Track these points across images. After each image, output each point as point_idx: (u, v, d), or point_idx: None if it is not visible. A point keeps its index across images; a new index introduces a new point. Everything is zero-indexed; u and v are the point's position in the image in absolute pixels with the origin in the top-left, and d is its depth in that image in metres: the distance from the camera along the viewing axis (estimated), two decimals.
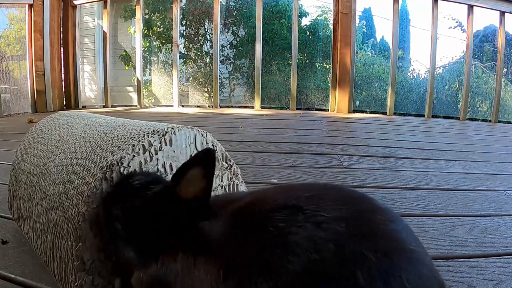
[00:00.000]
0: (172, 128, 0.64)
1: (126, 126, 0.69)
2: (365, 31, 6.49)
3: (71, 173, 0.63)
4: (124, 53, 5.77)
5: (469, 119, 4.19)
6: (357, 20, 5.23)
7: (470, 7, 3.48)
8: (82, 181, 0.60)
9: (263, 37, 3.84)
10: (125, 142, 0.61)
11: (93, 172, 0.59)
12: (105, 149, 0.62)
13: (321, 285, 0.30)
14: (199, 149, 0.67)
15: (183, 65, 5.75)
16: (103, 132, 0.69)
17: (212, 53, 4.71)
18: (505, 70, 4.90)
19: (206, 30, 5.74)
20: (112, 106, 4.16)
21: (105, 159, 0.60)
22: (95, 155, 0.62)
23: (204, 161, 0.46)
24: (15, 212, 0.81)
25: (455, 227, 0.98)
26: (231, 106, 5.30)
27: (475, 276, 0.75)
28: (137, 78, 4.07)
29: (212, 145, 0.69)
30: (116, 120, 0.78)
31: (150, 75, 5.95)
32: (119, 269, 0.54)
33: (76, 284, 0.55)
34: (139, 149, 0.59)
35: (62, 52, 4.05)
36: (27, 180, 0.75)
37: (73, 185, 0.61)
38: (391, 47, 3.87)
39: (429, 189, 1.31)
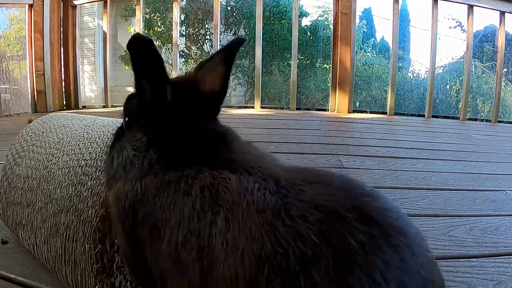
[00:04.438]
0: None
1: None
2: (366, 30, 6.49)
3: (81, 174, 0.62)
4: (124, 53, 5.77)
5: (469, 119, 4.19)
6: (357, 20, 5.23)
7: (470, 7, 3.48)
8: (96, 182, 0.59)
9: (263, 37, 3.83)
10: None
11: None
12: None
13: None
14: None
15: (183, 65, 5.75)
16: (109, 132, 0.68)
17: (212, 53, 4.70)
18: (505, 70, 4.90)
19: (207, 30, 5.74)
20: (112, 106, 4.16)
21: None
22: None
23: (226, 47, 0.49)
24: (10, 219, 0.78)
25: (455, 227, 0.98)
26: (231, 106, 5.29)
27: (475, 276, 0.75)
28: None
29: None
30: (118, 121, 0.77)
31: None
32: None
33: (97, 287, 0.54)
34: None
35: (62, 52, 4.04)
36: (25, 185, 0.73)
37: (85, 187, 0.60)
38: (391, 47, 3.87)
39: (429, 189, 1.31)
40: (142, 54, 0.43)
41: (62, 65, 4.06)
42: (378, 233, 0.32)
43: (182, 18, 5.69)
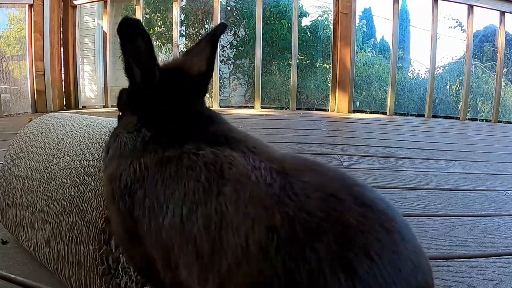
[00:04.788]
0: None
1: None
2: (366, 30, 6.49)
3: (83, 175, 0.62)
4: None
5: (469, 119, 4.19)
6: (357, 20, 5.23)
7: (470, 7, 3.48)
8: (100, 182, 0.59)
9: (263, 37, 3.83)
10: None
11: None
12: None
13: None
14: None
15: None
16: (111, 132, 0.68)
17: None
18: (505, 70, 4.90)
19: (207, 30, 5.74)
20: (112, 106, 4.15)
21: None
22: None
23: (210, 32, 0.51)
24: (9, 221, 0.78)
25: (455, 227, 0.98)
26: (231, 106, 5.29)
27: (475, 276, 0.75)
28: None
29: None
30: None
31: None
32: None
33: None
34: None
35: (62, 52, 4.04)
36: (24, 186, 0.73)
37: (89, 188, 0.60)
38: (391, 47, 3.87)
39: (429, 189, 1.31)
40: (131, 35, 0.44)
41: (62, 65, 4.06)
42: (373, 216, 0.34)
43: (182, 18, 5.68)
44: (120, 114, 0.52)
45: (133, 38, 0.44)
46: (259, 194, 0.36)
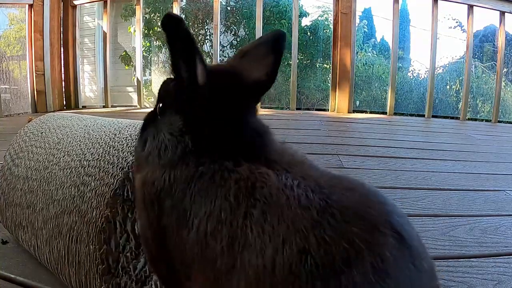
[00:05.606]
0: None
1: (135, 126, 0.68)
2: (366, 31, 6.49)
3: (83, 175, 0.62)
4: (124, 53, 5.77)
5: (469, 119, 4.19)
6: (357, 20, 5.23)
7: (470, 7, 3.48)
8: (100, 182, 0.59)
9: None
10: None
11: (112, 173, 0.58)
12: (121, 149, 0.61)
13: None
14: None
15: None
16: (111, 132, 0.68)
17: (212, 53, 4.71)
18: (505, 70, 4.90)
19: (207, 30, 5.74)
20: (112, 106, 4.16)
21: (124, 159, 0.59)
22: (110, 156, 0.61)
23: (272, 38, 0.45)
24: (9, 221, 0.78)
25: (455, 227, 0.98)
26: None
27: (475, 276, 0.75)
28: (137, 78, 4.06)
29: None
30: (118, 121, 0.77)
31: (150, 75, 5.95)
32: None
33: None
34: None
35: (62, 52, 4.04)
36: (24, 186, 0.72)
37: (89, 188, 0.59)
38: (391, 47, 3.87)
39: (429, 189, 1.31)
40: (178, 33, 0.42)
41: (62, 65, 4.06)
42: (407, 254, 0.34)
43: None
44: (161, 105, 0.48)
45: (180, 36, 0.42)
46: (292, 216, 0.34)
